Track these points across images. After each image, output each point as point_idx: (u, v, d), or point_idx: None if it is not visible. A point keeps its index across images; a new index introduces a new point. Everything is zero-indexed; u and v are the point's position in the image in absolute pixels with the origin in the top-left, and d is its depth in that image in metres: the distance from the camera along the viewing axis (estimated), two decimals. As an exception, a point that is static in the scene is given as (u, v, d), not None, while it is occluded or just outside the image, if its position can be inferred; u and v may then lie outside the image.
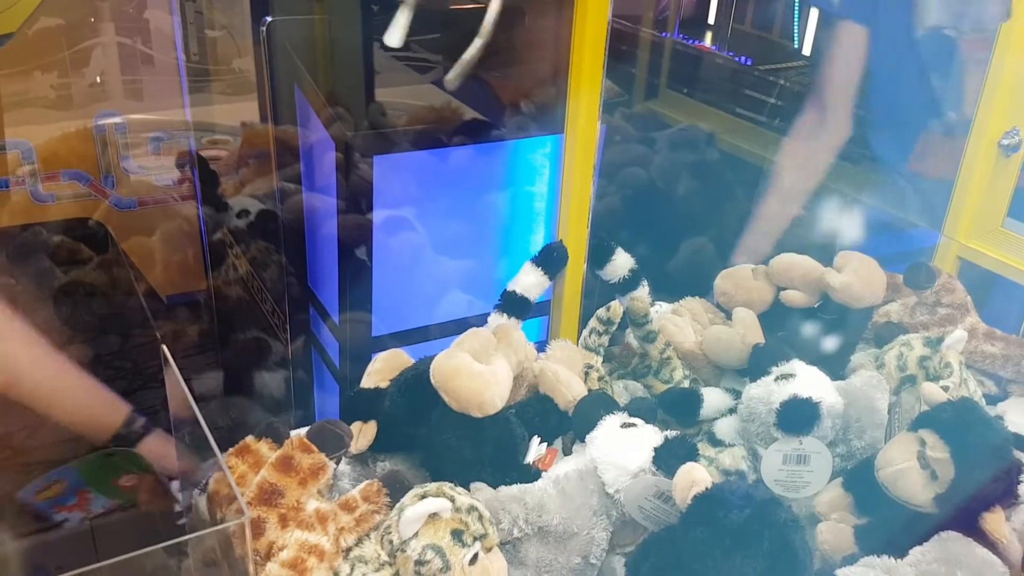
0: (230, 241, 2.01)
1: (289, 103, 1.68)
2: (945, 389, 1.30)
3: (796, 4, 2.57)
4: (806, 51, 2.57)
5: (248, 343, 2.01)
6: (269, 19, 1.61)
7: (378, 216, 1.57)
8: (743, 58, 2.59)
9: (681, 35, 2.74)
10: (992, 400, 1.52)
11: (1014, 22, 1.62)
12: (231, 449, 1.15)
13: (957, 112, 1.81)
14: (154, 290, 2.23)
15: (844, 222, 1.92)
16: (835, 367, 1.47)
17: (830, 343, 1.53)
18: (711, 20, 2.82)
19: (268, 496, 1.06)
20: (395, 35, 1.29)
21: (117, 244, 2.21)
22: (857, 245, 1.72)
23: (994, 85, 1.67)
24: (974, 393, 1.45)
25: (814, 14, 2.53)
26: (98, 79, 2.22)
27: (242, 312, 2.05)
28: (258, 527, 1.04)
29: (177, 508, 1.40)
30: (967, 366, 1.48)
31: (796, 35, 2.59)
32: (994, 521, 1.11)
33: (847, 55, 1.77)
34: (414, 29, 1.74)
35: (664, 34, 2.72)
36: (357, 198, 1.56)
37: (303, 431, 1.18)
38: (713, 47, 2.74)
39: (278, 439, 1.16)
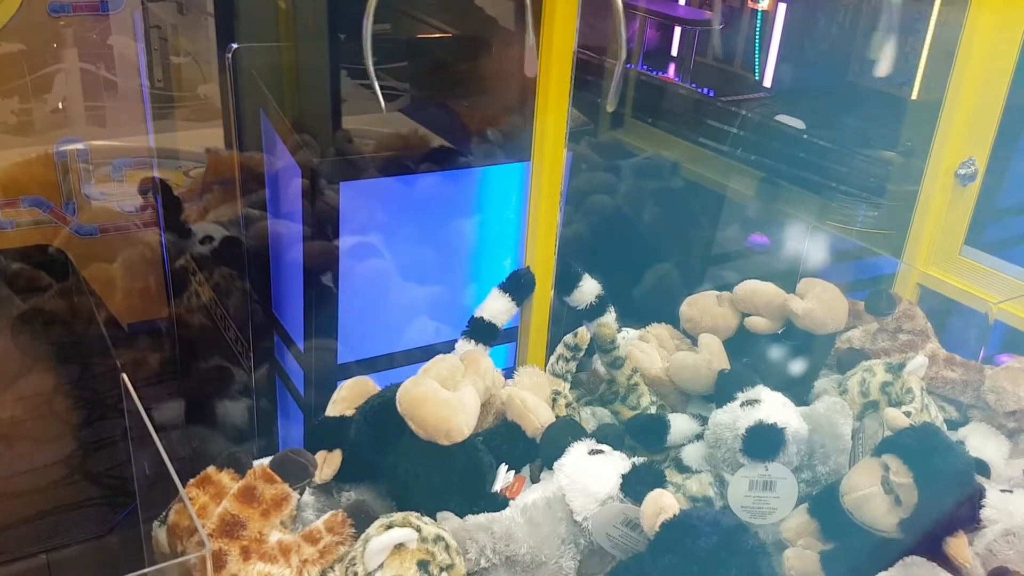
0: (193, 268, 1.99)
1: (255, 130, 1.67)
2: (907, 414, 1.32)
3: (756, 38, 2.63)
4: (766, 83, 2.62)
5: (210, 371, 1.98)
6: (235, 46, 1.61)
7: (344, 243, 1.56)
8: (706, 89, 2.63)
9: (645, 66, 2.78)
10: (953, 425, 1.54)
11: (971, 51, 1.67)
12: (192, 480, 1.13)
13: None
14: (115, 318, 2.19)
15: (806, 249, 1.95)
16: (799, 393, 1.49)
17: (794, 369, 1.54)
18: (674, 52, 2.87)
19: (230, 528, 1.05)
20: (613, 99, 1.33)
21: (77, 271, 2.17)
22: (819, 272, 1.75)
23: (950, 116, 1.71)
24: (935, 418, 1.47)
25: (774, 48, 2.59)
26: (60, 105, 2.20)
27: (204, 340, 2.02)
28: (219, 560, 1.02)
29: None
30: (928, 392, 1.50)
31: (756, 68, 2.65)
32: (957, 546, 1.12)
33: None
34: (381, 58, 1.75)
35: (629, 65, 2.76)
36: (323, 224, 1.55)
37: (266, 461, 1.16)
38: (676, 78, 2.78)
39: (240, 469, 1.14)
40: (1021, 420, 1.50)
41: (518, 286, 1.49)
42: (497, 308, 1.47)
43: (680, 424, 1.44)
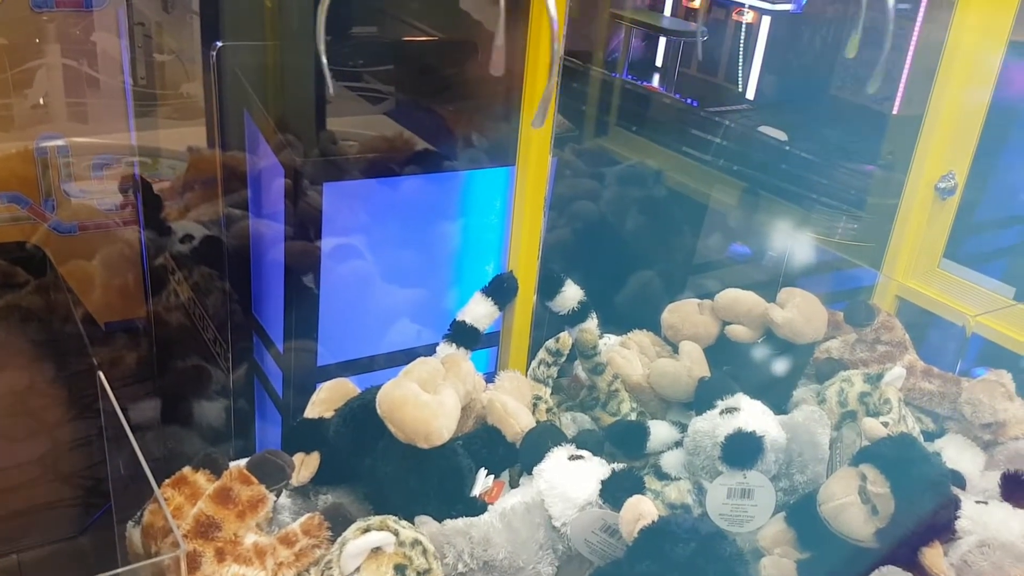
0: (172, 267, 1.97)
1: (238, 129, 1.66)
2: (885, 425, 1.33)
3: (740, 51, 2.65)
4: (749, 95, 2.64)
5: (188, 371, 1.96)
6: (220, 44, 1.60)
7: (327, 244, 1.55)
8: (690, 100, 2.65)
9: (630, 76, 2.80)
10: (929, 437, 1.55)
11: (952, 68, 1.68)
12: (167, 480, 1.12)
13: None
14: (92, 316, 2.17)
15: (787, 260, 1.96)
16: (778, 402, 1.49)
17: (773, 378, 1.55)
18: (659, 63, 2.89)
19: (205, 529, 1.03)
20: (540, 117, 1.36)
21: (55, 268, 2.15)
22: (799, 282, 1.76)
23: (931, 129, 1.73)
24: (912, 429, 1.48)
25: (757, 61, 2.62)
26: (41, 101, 2.17)
27: (182, 339, 2.00)
28: (194, 561, 1.01)
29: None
30: (905, 403, 1.51)
31: (740, 80, 2.67)
32: (932, 556, 1.13)
33: None
34: (367, 60, 1.75)
35: (614, 74, 2.77)
36: (305, 225, 1.55)
37: (243, 462, 1.15)
38: (661, 88, 2.80)
39: (216, 470, 1.13)
40: (997, 432, 1.51)
41: (501, 290, 1.49)
42: (479, 312, 1.47)
43: (660, 431, 1.44)
